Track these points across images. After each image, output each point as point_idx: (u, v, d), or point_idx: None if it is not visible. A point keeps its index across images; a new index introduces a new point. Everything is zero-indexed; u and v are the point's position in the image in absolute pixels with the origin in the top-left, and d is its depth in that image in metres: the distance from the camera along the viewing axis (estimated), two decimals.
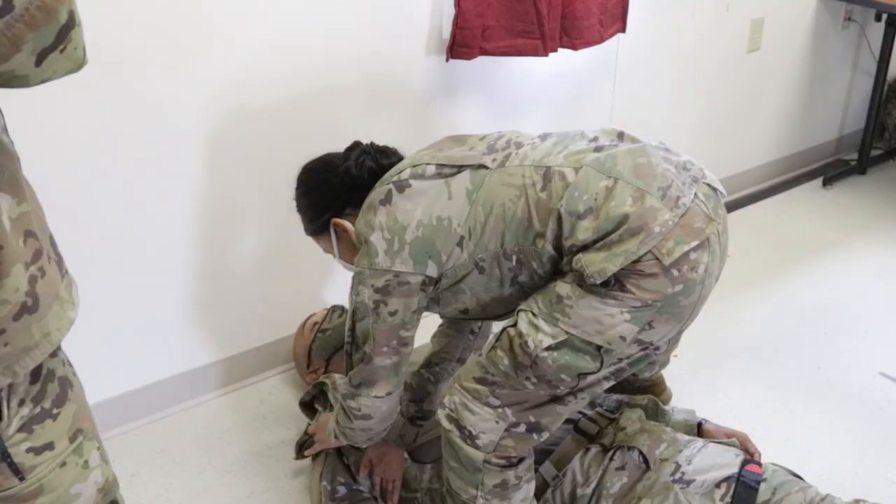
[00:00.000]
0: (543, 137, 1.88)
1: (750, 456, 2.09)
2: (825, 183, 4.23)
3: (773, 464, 2.06)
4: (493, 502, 1.86)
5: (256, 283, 2.73)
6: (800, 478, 2.03)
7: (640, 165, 1.73)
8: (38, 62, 0.97)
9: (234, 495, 2.34)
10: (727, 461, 2.03)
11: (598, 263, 1.65)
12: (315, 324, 2.67)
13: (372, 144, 2.05)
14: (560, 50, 2.87)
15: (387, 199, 1.84)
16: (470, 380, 1.83)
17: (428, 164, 1.85)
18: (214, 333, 2.72)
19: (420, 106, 2.86)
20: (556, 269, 1.78)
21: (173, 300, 2.59)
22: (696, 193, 1.72)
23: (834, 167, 4.41)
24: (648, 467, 2.02)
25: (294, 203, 2.12)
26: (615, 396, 2.34)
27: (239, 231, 2.63)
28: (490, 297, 1.87)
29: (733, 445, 2.12)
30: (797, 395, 2.68)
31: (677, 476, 1.99)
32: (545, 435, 1.85)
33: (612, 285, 1.67)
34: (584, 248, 1.69)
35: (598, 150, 1.79)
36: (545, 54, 2.80)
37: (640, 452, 2.05)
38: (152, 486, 2.36)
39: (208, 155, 2.46)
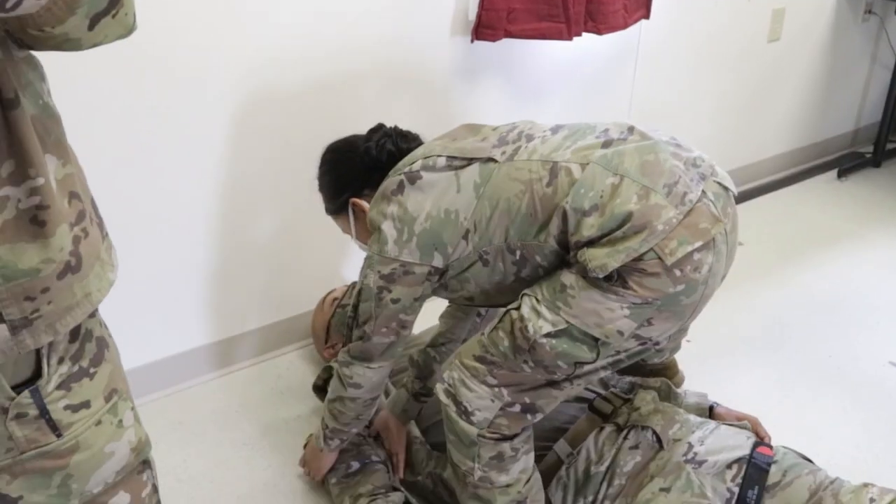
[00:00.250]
0: (555, 130, 1.89)
1: (761, 439, 2.12)
2: (840, 175, 4.25)
3: (783, 447, 2.08)
4: (491, 474, 1.89)
5: (277, 258, 2.76)
6: (810, 461, 2.05)
7: (647, 163, 1.72)
8: (91, 26, 0.99)
9: (252, 467, 2.38)
10: (739, 443, 2.05)
11: (600, 258, 1.66)
12: (335, 299, 2.70)
13: (395, 128, 2.08)
14: (584, 34, 2.89)
15: (398, 190, 1.88)
16: (470, 357, 1.85)
17: (439, 155, 1.88)
18: (233, 308, 2.75)
19: (443, 87, 2.88)
20: (560, 264, 1.80)
21: (193, 275, 2.63)
22: (703, 191, 1.72)
23: (849, 159, 4.43)
24: (661, 447, 2.05)
25: (317, 182, 2.16)
26: (628, 378, 2.37)
27: (260, 207, 2.66)
28: (494, 287, 1.89)
29: (745, 428, 2.14)
30: (808, 382, 2.71)
31: (690, 456, 2.02)
32: (539, 416, 1.88)
33: (615, 280, 1.68)
34: (590, 243, 1.70)
35: (606, 145, 1.78)
36: (569, 38, 2.82)
37: (654, 432, 2.07)
38: (171, 457, 2.40)
39: (231, 133, 2.50)
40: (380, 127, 2.09)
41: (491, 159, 1.84)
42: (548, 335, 1.72)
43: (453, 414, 1.86)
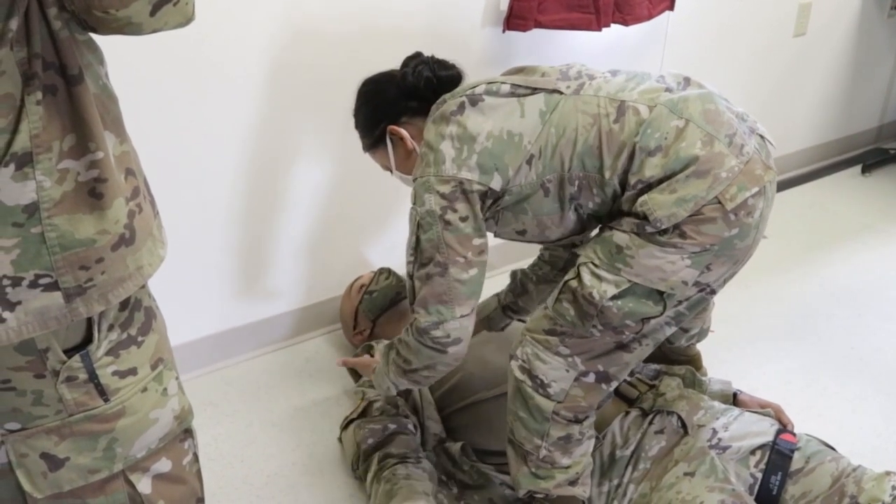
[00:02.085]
0: (614, 73, 1.92)
1: (784, 426, 2.15)
2: (864, 170, 4.25)
3: (806, 434, 2.11)
4: (554, 454, 1.91)
5: (305, 244, 2.80)
6: (832, 448, 2.07)
7: (709, 111, 1.78)
8: (153, 12, 1.04)
9: (281, 447, 2.41)
10: (762, 429, 2.08)
11: (668, 207, 1.70)
12: (362, 286, 2.72)
13: (432, 56, 2.06)
14: (612, 25, 2.92)
15: (459, 111, 1.85)
16: (540, 331, 1.87)
17: (503, 83, 1.88)
18: (263, 293, 2.79)
19: (474, 74, 2.89)
20: (614, 205, 1.82)
21: (224, 258, 2.66)
22: (754, 144, 1.78)
23: (873, 155, 4.42)
24: (686, 432, 2.07)
25: (353, 121, 2.13)
26: (653, 366, 2.39)
27: (291, 193, 2.69)
28: (550, 219, 1.89)
29: (768, 415, 2.17)
30: (830, 371, 2.72)
31: (714, 442, 2.04)
32: (613, 384, 1.90)
33: (672, 232, 1.72)
34: (649, 186, 1.74)
35: (668, 90, 1.83)
36: (598, 29, 2.85)
37: (679, 417, 2.10)
38: (201, 436, 2.41)
39: (266, 114, 2.53)
40: (417, 55, 2.07)
41: (557, 91, 1.86)
42: (613, 297, 1.75)
43: (529, 389, 1.87)
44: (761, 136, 1.84)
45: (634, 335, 1.84)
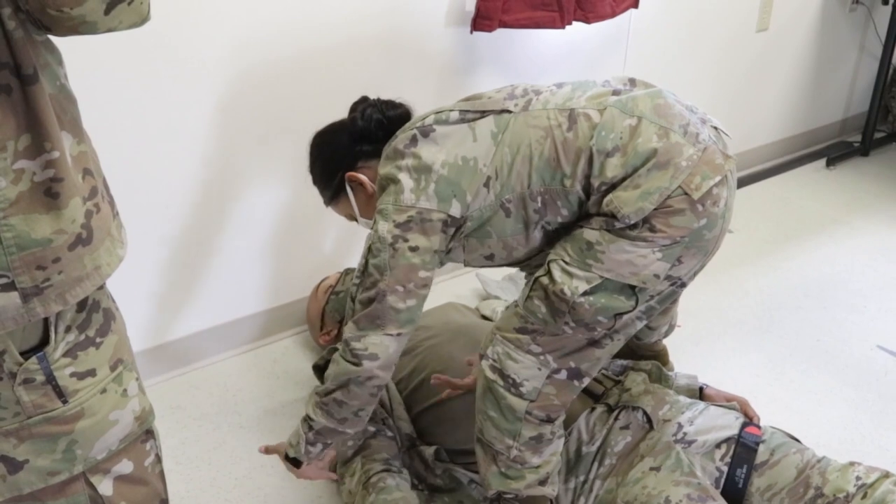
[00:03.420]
0: (559, 85, 1.92)
1: (749, 419, 2.16)
2: (829, 163, 4.29)
3: (771, 427, 2.12)
4: (525, 454, 1.90)
5: (271, 246, 2.79)
6: (797, 440, 2.09)
7: (658, 105, 1.79)
8: (107, 11, 1.04)
9: (249, 450, 2.40)
10: (728, 423, 2.09)
11: (633, 203, 1.70)
12: (329, 287, 2.72)
13: (378, 98, 2.06)
14: (574, 23, 2.93)
15: (412, 143, 1.84)
16: (510, 330, 1.86)
17: (451, 110, 1.87)
18: (230, 294, 2.78)
19: (440, 79, 2.92)
20: (581, 212, 1.82)
21: (188, 261, 2.65)
22: (708, 133, 1.79)
23: (838, 148, 4.47)
24: (652, 427, 2.08)
25: (310, 177, 2.13)
26: (620, 362, 2.40)
27: (254, 194, 2.69)
28: (516, 241, 1.88)
29: (733, 409, 2.18)
30: (796, 364, 2.75)
31: (679, 436, 2.05)
32: (585, 381, 1.89)
33: (641, 226, 1.72)
34: (613, 186, 1.74)
35: (616, 93, 1.84)
36: (562, 26, 2.86)
37: (644, 413, 2.11)
38: (169, 440, 2.43)
39: (224, 117, 2.52)
40: (363, 99, 2.07)
41: (505, 110, 1.85)
42: (585, 293, 1.75)
43: (501, 389, 1.85)
44: (715, 128, 1.85)
45: (606, 331, 1.83)
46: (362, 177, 2.00)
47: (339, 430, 1.89)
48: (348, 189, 2.04)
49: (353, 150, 2.02)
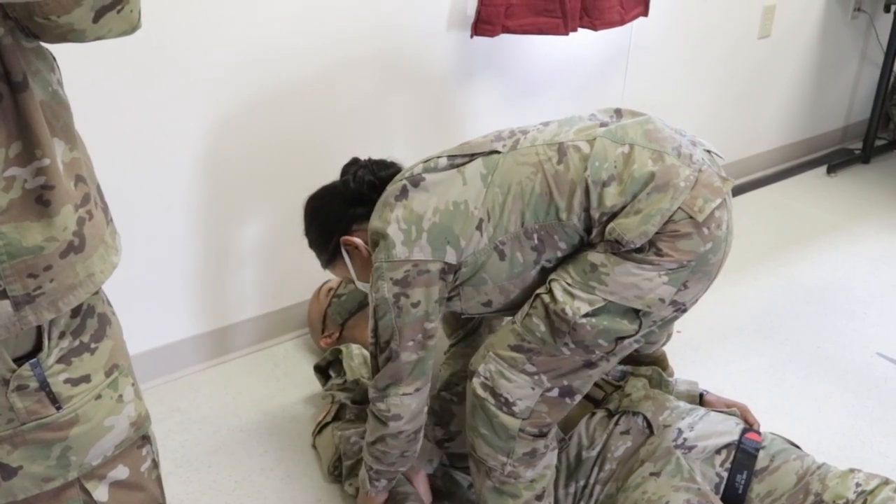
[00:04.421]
0: (546, 124, 1.91)
1: (749, 426, 2.16)
2: (829, 170, 4.29)
3: (771, 433, 2.12)
4: (519, 469, 1.87)
5: (274, 249, 2.79)
6: (797, 447, 2.09)
7: (649, 131, 1.78)
8: (96, 19, 1.03)
9: (249, 452, 2.41)
10: (728, 429, 2.09)
11: (636, 228, 1.68)
12: (330, 289, 2.72)
13: (369, 159, 2.05)
14: (580, 30, 2.93)
15: (402, 195, 1.83)
16: (505, 347, 1.83)
17: (439, 157, 1.87)
18: (231, 297, 2.78)
19: (440, 83, 2.91)
20: (581, 245, 1.80)
21: (191, 264, 2.65)
22: (700, 154, 1.78)
23: (839, 155, 4.47)
24: (652, 432, 2.08)
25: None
26: (620, 367, 2.40)
27: (258, 197, 2.69)
28: (513, 284, 1.85)
29: (734, 415, 2.18)
30: (797, 371, 2.75)
31: (679, 441, 2.05)
32: (577, 398, 1.87)
33: (648, 250, 1.70)
34: (613, 215, 1.72)
35: (603, 125, 1.83)
36: (565, 32, 2.85)
37: (645, 418, 2.11)
38: (169, 442, 2.43)
39: (226, 122, 2.52)
40: (354, 161, 2.06)
41: (494, 151, 1.84)
42: (587, 315, 1.72)
43: (492, 407, 1.83)
44: (708, 151, 1.83)
45: (604, 354, 1.80)
46: (357, 240, 1.98)
47: (393, 469, 1.99)
48: (344, 253, 2.03)
49: (346, 213, 2.01)
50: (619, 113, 1.91)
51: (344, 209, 2.01)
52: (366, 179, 1.98)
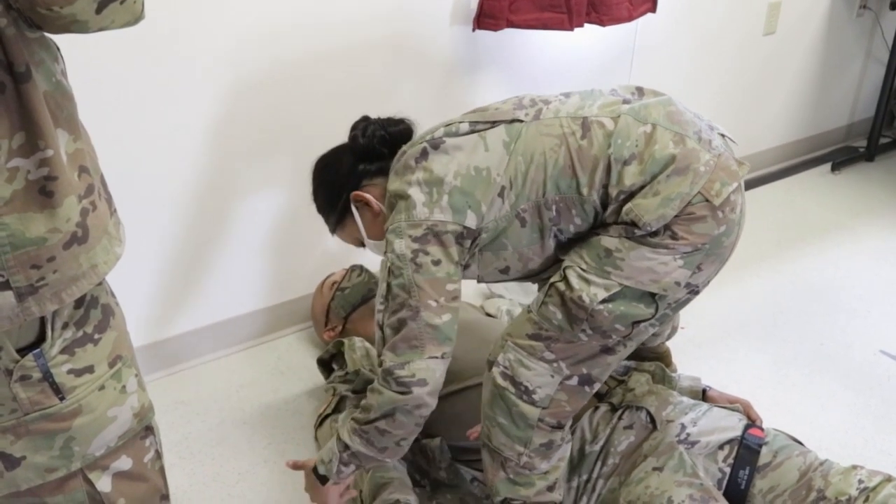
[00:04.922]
0: (567, 95, 1.90)
1: (752, 422, 2.16)
2: (834, 168, 4.28)
3: (774, 429, 2.12)
4: (535, 460, 1.87)
5: (277, 242, 2.80)
6: (800, 443, 2.08)
7: (671, 112, 1.78)
8: (99, 10, 1.03)
9: (252, 445, 2.41)
10: (731, 424, 2.09)
11: (654, 210, 1.68)
12: (334, 283, 2.72)
13: (378, 117, 2.03)
14: (586, 26, 2.92)
15: (422, 157, 1.80)
16: (523, 336, 1.82)
17: (461, 122, 1.84)
18: (234, 290, 2.78)
19: (443, 76, 2.91)
20: (595, 222, 1.79)
21: (192, 257, 2.66)
22: (718, 139, 1.79)
23: (843, 153, 4.46)
24: (655, 427, 2.08)
25: (314, 205, 2.10)
26: (624, 363, 2.40)
27: (261, 190, 2.69)
28: (531, 250, 1.84)
29: (737, 411, 2.18)
30: (800, 368, 2.74)
31: (682, 437, 2.05)
32: (596, 387, 1.87)
33: (663, 234, 1.70)
34: (631, 195, 1.72)
35: (626, 101, 1.83)
36: (571, 28, 2.85)
37: (648, 413, 2.11)
38: (172, 434, 2.44)
39: (227, 114, 2.52)
40: (364, 118, 2.04)
41: (517, 120, 1.82)
42: (604, 301, 1.72)
43: (512, 396, 1.82)
44: (722, 135, 1.84)
45: (621, 338, 1.80)
46: (368, 195, 1.95)
47: (378, 458, 1.83)
48: (354, 210, 2.00)
49: (356, 169, 1.98)
50: (640, 91, 1.90)
51: (354, 165, 1.98)
52: (376, 134, 1.96)
